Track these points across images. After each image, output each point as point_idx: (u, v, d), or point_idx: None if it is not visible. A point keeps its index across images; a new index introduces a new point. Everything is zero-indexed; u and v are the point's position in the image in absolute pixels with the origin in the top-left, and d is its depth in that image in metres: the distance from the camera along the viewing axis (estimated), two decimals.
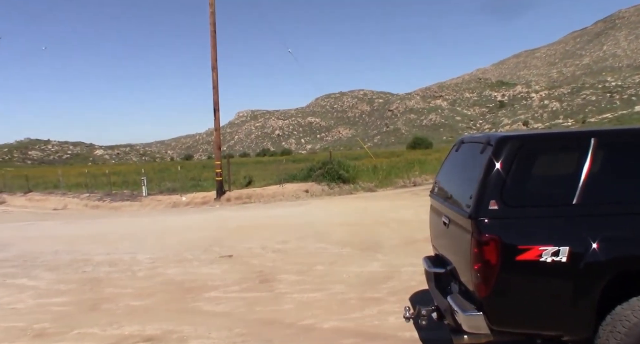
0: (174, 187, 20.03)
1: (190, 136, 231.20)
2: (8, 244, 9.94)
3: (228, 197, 16.75)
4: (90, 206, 19.08)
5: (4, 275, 7.15)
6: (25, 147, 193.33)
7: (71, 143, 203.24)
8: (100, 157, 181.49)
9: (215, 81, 16.78)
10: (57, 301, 5.75)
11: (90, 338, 4.52)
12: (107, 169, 31.79)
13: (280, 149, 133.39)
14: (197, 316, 5.02)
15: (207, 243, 8.82)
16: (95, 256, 8.26)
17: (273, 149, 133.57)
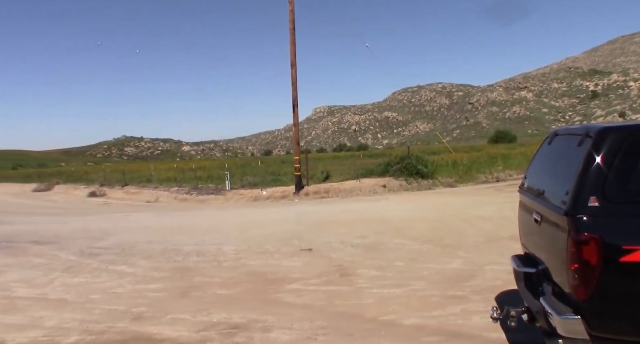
0: (255, 182, 20.73)
1: (270, 132, 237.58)
2: (109, 233, 10.80)
3: (306, 192, 17.05)
4: (179, 199, 20.28)
5: (106, 261, 7.78)
6: (122, 145, 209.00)
7: (161, 140, 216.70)
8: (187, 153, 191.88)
9: (294, 78, 17.11)
10: (152, 287, 6.16)
11: (182, 323, 4.80)
12: (194, 164, 33.49)
13: (356, 144, 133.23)
14: (280, 307, 5.17)
15: (288, 236, 9.03)
16: (185, 246, 8.75)
17: (349, 144, 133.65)
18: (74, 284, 6.48)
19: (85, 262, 7.88)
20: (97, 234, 10.83)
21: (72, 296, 5.92)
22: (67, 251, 8.84)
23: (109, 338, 4.49)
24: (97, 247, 9.16)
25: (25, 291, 6.31)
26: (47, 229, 12.39)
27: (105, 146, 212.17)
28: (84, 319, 5.00)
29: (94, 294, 5.95)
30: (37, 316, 5.17)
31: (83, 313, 5.21)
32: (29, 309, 5.45)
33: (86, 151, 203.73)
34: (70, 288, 6.33)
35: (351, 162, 24.50)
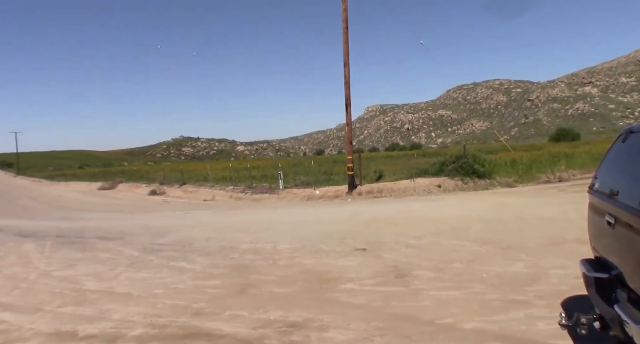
0: (308, 181, 20.89)
1: (322, 132, 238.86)
2: (169, 230, 11.20)
3: (359, 191, 16.99)
4: (234, 197, 20.76)
5: (167, 258, 8.08)
6: (180, 145, 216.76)
7: (217, 140, 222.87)
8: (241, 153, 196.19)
9: (347, 77, 17.08)
10: (210, 284, 6.33)
11: (240, 319, 4.89)
12: (248, 164, 34.14)
13: (409, 143, 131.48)
14: (335, 306, 5.16)
15: (342, 236, 9.02)
16: (241, 244, 8.93)
17: (402, 144, 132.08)
18: (138, 279, 6.77)
19: (147, 258, 8.21)
20: (158, 231, 11.26)
21: (137, 290, 6.18)
22: (131, 247, 9.25)
23: (171, 332, 4.64)
24: (158, 243, 9.52)
25: (94, 284, 6.65)
26: (113, 225, 13.02)
27: (164, 146, 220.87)
28: (147, 313, 5.20)
29: (157, 289, 6.18)
30: (105, 309, 5.43)
31: (147, 307, 5.42)
32: (97, 302, 5.74)
33: (147, 151, 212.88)
34: (134, 282, 6.61)
35: (404, 161, 24.19)
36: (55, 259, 8.62)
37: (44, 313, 5.39)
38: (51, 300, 5.91)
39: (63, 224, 14.28)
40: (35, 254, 9.27)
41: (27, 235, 11.94)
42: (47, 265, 8.11)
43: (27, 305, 5.75)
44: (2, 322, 5.16)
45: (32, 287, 6.67)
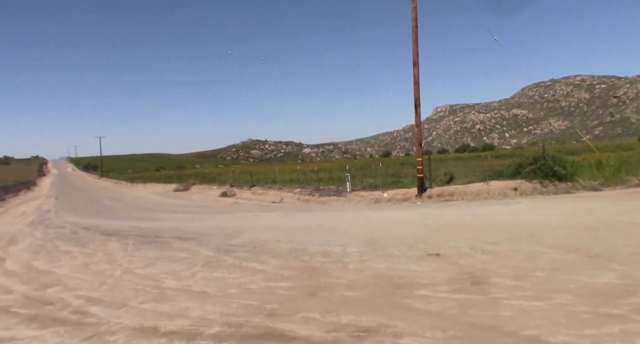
0: (375, 184, 20.68)
1: (388, 133, 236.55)
2: (241, 231, 11.48)
3: (429, 195, 16.56)
4: (302, 199, 20.96)
5: (239, 258, 8.26)
6: (248, 147, 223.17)
7: (284, 143, 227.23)
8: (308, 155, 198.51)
9: (417, 77, 16.73)
10: (282, 285, 6.38)
11: (312, 322, 4.87)
12: (315, 166, 34.40)
13: (481, 144, 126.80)
14: (409, 312, 5.01)
15: (412, 240, 8.81)
16: (310, 246, 8.96)
17: (473, 145, 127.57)
18: (213, 279, 6.96)
19: (221, 258, 8.45)
20: (230, 232, 11.57)
21: (212, 289, 6.36)
22: (206, 247, 9.57)
23: (247, 331, 4.72)
24: (231, 244, 9.78)
25: (172, 282, 6.92)
26: (188, 226, 13.55)
27: (233, 149, 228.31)
28: (223, 312, 5.32)
29: (231, 289, 6.33)
30: (183, 306, 5.63)
31: (222, 306, 5.55)
32: (176, 300, 5.96)
33: (217, 154, 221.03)
34: (210, 281, 6.81)
35: (476, 163, 23.36)
36: (137, 257, 9.09)
37: (128, 309, 5.67)
38: (134, 296, 6.22)
39: (143, 224, 15.06)
40: (119, 252, 9.83)
41: (111, 234, 12.71)
42: (130, 263, 8.56)
43: (113, 300, 6.09)
44: (92, 315, 5.49)
45: (117, 283, 7.06)
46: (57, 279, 7.59)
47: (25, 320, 5.49)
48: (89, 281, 7.36)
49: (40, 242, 12.24)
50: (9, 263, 9.48)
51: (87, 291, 6.70)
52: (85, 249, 10.54)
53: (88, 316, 5.50)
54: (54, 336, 4.89)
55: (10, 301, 6.45)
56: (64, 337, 4.84)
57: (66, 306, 5.99)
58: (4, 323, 5.42)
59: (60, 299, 6.33)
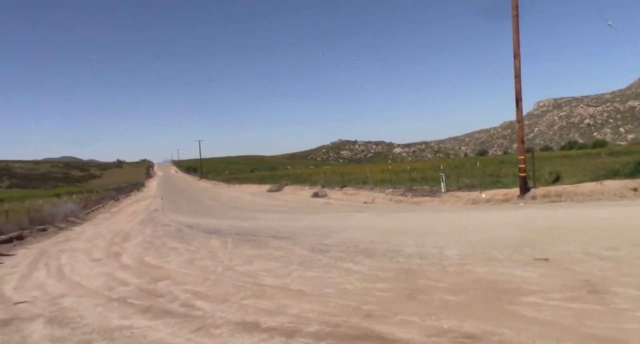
0: (472, 184, 19.82)
1: (485, 131, 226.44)
2: (334, 231, 11.54)
3: (533, 195, 15.51)
4: (394, 200, 20.65)
5: (334, 258, 8.29)
6: (338, 148, 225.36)
7: (374, 143, 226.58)
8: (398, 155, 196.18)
9: (518, 69, 15.74)
10: (378, 287, 6.27)
11: (412, 325, 4.72)
12: (407, 166, 33.81)
13: (591, 140, 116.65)
14: (516, 320, 4.68)
15: (516, 243, 8.27)
16: (405, 247, 8.76)
17: (581, 141, 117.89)
18: (309, 278, 7.04)
19: (316, 257, 8.53)
20: (323, 231, 11.67)
21: (308, 288, 6.42)
22: (300, 247, 9.72)
23: (344, 332, 4.68)
24: (324, 244, 9.85)
25: (270, 280, 7.10)
26: (282, 225, 13.90)
27: (323, 150, 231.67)
28: (320, 311, 5.34)
29: (327, 288, 6.34)
30: (281, 304, 5.74)
31: (319, 305, 5.58)
32: (274, 297, 6.09)
33: (308, 155, 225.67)
34: (306, 280, 6.88)
35: (586, 161, 21.52)
36: (236, 255, 9.46)
37: (230, 304, 5.90)
38: (236, 292, 6.46)
39: (240, 223, 15.72)
40: (219, 249, 10.31)
41: (212, 232, 13.39)
42: (230, 260, 8.94)
43: (216, 295, 6.37)
44: (198, 309, 5.79)
45: (219, 279, 7.39)
46: (166, 274, 8.12)
47: (140, 311, 5.92)
48: (193, 276, 7.78)
49: (150, 239, 13.22)
50: (125, 257, 10.33)
51: (193, 285, 7.08)
52: (189, 246, 11.19)
53: (195, 309, 5.80)
54: (166, 326, 5.21)
55: (126, 292, 7.00)
56: (174, 328, 5.14)
57: (175, 299, 6.37)
58: (123, 313, 5.88)
59: (169, 293, 6.75)
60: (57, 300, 6.83)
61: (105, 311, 6.04)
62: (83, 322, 5.61)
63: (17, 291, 7.68)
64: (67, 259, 10.65)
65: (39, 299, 6.96)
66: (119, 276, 8.26)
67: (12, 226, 16.04)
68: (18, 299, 7.04)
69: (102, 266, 9.52)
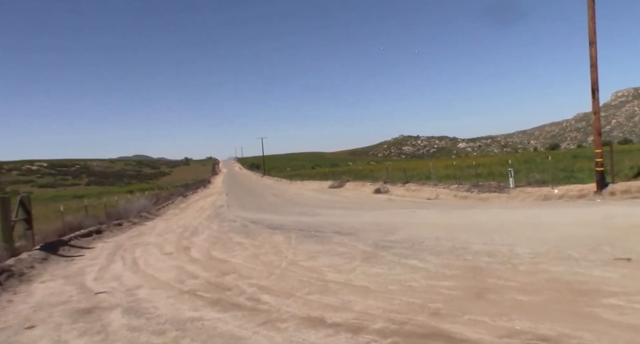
0: (543, 179, 18.88)
1: (556, 124, 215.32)
2: (397, 228, 11.39)
3: (612, 191, 14.52)
4: (459, 196, 20.09)
5: (398, 255, 8.17)
6: (400, 144, 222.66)
7: (437, 138, 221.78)
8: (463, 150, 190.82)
9: (594, 58, 14.76)
10: (444, 285, 6.11)
11: (481, 326, 4.55)
12: (472, 161, 32.80)
13: None
14: (596, 323, 4.40)
15: (594, 242, 7.77)
16: (473, 245, 8.48)
17: None
18: (373, 274, 6.97)
19: (380, 254, 8.44)
20: (386, 228, 11.55)
21: (373, 284, 6.36)
22: (364, 243, 9.67)
23: (410, 329, 4.60)
24: (388, 240, 9.73)
25: (334, 275, 7.11)
26: (345, 221, 13.90)
27: (384, 146, 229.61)
28: (385, 308, 5.27)
29: (391, 285, 6.26)
30: (346, 300, 5.72)
31: (384, 302, 5.51)
32: (339, 293, 6.09)
33: (368, 151, 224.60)
34: (370, 277, 6.83)
35: None
36: (300, 250, 9.56)
37: (295, 299, 5.96)
38: (300, 287, 6.52)
39: (303, 219, 15.88)
40: (283, 245, 10.47)
41: (275, 228, 13.63)
42: (294, 255, 9.04)
43: (281, 290, 6.47)
44: (264, 303, 5.90)
45: (283, 274, 7.50)
46: (233, 268, 8.35)
47: (209, 303, 6.12)
48: (258, 270, 7.95)
49: (216, 234, 13.66)
50: (193, 251, 10.73)
51: (258, 279, 7.22)
52: (254, 241, 11.44)
53: (261, 303, 5.92)
54: (234, 319, 5.35)
55: (196, 285, 7.26)
56: (242, 321, 5.26)
57: (242, 292, 6.53)
58: (193, 305, 6.11)
59: (236, 286, 6.93)
60: (132, 291, 7.20)
61: (177, 302, 6.29)
62: (157, 313, 5.88)
63: (97, 282, 8.18)
64: (141, 253, 11.22)
65: (117, 290, 7.37)
66: (189, 269, 8.59)
67: (91, 221, 17.15)
68: (98, 290, 7.50)
69: (172, 259, 9.94)
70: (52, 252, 11.33)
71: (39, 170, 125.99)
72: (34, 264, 9.96)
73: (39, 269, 9.66)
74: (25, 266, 9.55)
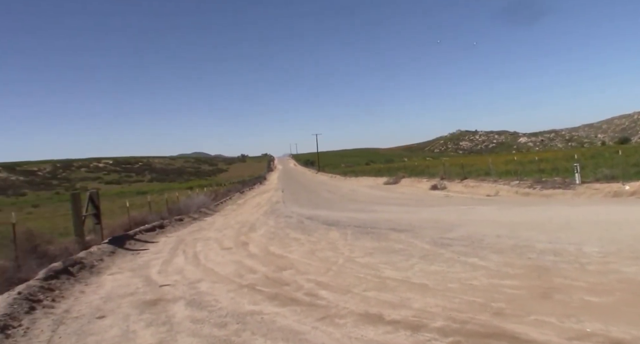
0: (612, 175, 17.82)
1: (626, 116, 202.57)
2: (455, 225, 11.13)
3: None
4: (520, 193, 19.36)
5: (457, 253, 7.97)
6: (457, 139, 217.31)
7: (496, 132, 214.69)
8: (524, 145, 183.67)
9: None
10: (507, 284, 5.91)
11: (548, 327, 4.37)
12: (535, 156, 31.51)
13: None
14: None
15: None
16: (536, 243, 8.14)
17: None
18: (431, 272, 6.85)
19: (438, 251, 8.28)
20: (444, 225, 11.31)
21: (432, 282, 6.25)
22: (421, 240, 9.52)
23: (472, 329, 4.48)
24: (446, 238, 9.53)
25: (391, 272, 7.04)
26: (401, 218, 13.74)
27: (441, 141, 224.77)
28: (445, 307, 5.17)
29: (451, 283, 6.12)
30: (404, 297, 5.66)
31: (444, 300, 5.40)
32: (396, 290, 6.03)
33: (424, 147, 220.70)
34: (428, 274, 6.71)
35: None
36: (356, 246, 9.55)
37: (353, 295, 5.96)
38: (357, 283, 6.51)
39: (358, 215, 15.85)
40: (339, 241, 10.49)
41: (331, 224, 13.67)
42: (351, 252, 9.04)
43: (338, 286, 6.48)
44: (322, 299, 5.94)
45: (340, 270, 7.51)
46: (290, 263, 8.46)
47: (268, 298, 6.23)
48: (315, 266, 8.01)
49: (273, 229, 13.89)
50: (252, 246, 10.97)
51: (316, 275, 7.28)
52: (310, 237, 11.54)
53: (318, 298, 5.96)
54: (293, 314, 5.42)
55: (255, 279, 7.42)
56: (300, 316, 5.32)
57: (299, 288, 6.61)
58: (253, 299, 6.24)
59: (294, 281, 7.02)
60: (194, 284, 7.46)
61: (237, 296, 6.46)
62: (218, 306, 6.06)
63: (161, 275, 8.54)
64: (201, 247, 11.60)
65: (180, 283, 7.66)
66: (248, 264, 8.78)
67: (154, 216, 17.93)
68: (162, 282, 7.83)
69: (231, 254, 10.21)
70: (119, 246, 11.94)
71: (105, 167, 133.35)
72: (103, 257, 10.54)
73: (108, 262, 10.21)
74: (95, 259, 10.12)
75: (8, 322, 5.64)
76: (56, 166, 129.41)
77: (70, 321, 5.96)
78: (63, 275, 8.28)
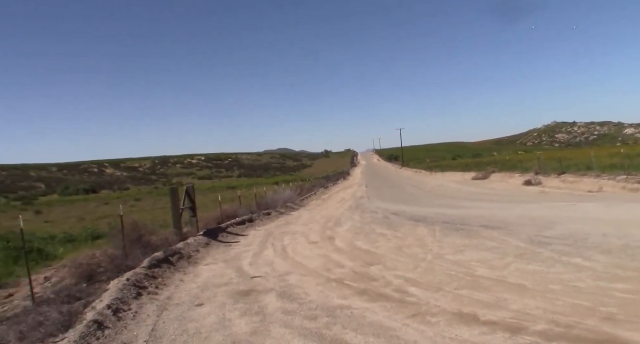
0: None
1: None
2: (554, 222, 10.40)
3: None
4: (628, 188, 17.71)
5: (557, 252, 7.44)
6: (552, 131, 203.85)
7: (597, 123, 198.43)
8: (631, 136, 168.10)
9: None
10: (618, 287, 5.40)
11: None
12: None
13: None
14: None
15: None
16: None
17: None
18: (529, 271, 6.45)
19: (535, 250, 7.79)
20: (541, 222, 10.62)
21: (530, 282, 5.88)
22: (516, 237, 9.01)
23: (579, 334, 4.14)
24: (544, 236, 8.94)
25: (484, 271, 6.72)
26: (493, 214, 13.11)
27: (534, 134, 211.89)
28: (547, 309, 4.83)
29: (552, 284, 5.72)
30: (500, 297, 5.37)
31: (544, 302, 5.06)
32: (491, 289, 5.74)
33: (516, 140, 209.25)
34: (526, 274, 6.33)
35: None
36: (446, 243, 9.24)
37: (444, 293, 5.76)
38: (448, 281, 6.29)
39: (446, 211, 15.35)
40: (427, 237, 10.22)
41: (417, 219, 13.37)
42: (440, 248, 8.77)
43: (428, 283, 6.31)
44: (412, 295, 5.80)
45: (430, 267, 7.31)
46: (377, 259, 8.38)
47: (357, 293, 6.21)
48: (403, 262, 7.86)
49: (359, 224, 13.86)
50: (338, 241, 11.02)
51: (404, 271, 7.14)
52: (396, 232, 11.37)
53: (408, 295, 5.83)
54: (382, 309, 5.35)
55: (343, 274, 7.43)
56: (391, 312, 5.24)
57: (388, 284, 6.51)
58: (341, 293, 6.26)
59: (382, 277, 6.93)
60: (284, 277, 7.63)
61: (326, 290, 6.50)
62: (308, 298, 6.14)
63: (252, 267, 8.84)
64: (289, 241, 11.85)
65: (270, 275, 7.87)
66: (334, 258, 8.83)
67: (244, 210, 18.64)
68: (253, 274, 8.09)
69: (318, 248, 10.32)
70: (212, 238, 12.55)
71: (198, 163, 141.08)
72: (199, 248, 11.13)
73: (203, 253, 10.76)
74: (191, 250, 10.72)
75: (119, 305, 6.12)
76: (155, 163, 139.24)
77: (172, 307, 6.35)
78: (164, 264, 8.85)
